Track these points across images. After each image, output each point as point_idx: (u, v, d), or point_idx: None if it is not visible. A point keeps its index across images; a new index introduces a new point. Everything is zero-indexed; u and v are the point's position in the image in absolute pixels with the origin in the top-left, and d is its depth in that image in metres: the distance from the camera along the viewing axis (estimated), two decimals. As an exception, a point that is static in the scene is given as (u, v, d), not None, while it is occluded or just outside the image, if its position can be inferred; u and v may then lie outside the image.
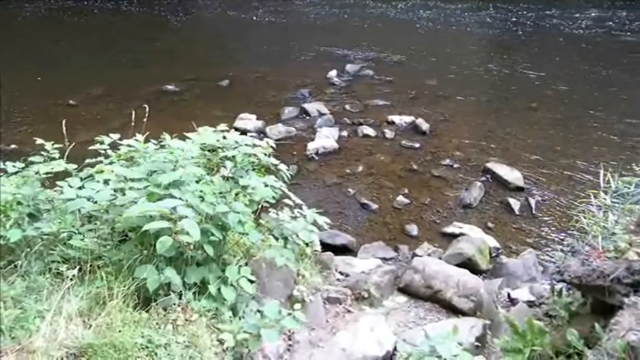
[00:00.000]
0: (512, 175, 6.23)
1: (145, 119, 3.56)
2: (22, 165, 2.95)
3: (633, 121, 8.04)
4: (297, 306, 2.63)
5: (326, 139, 7.21)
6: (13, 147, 6.58)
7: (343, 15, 16.91)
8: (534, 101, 8.98)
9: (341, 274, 4.08)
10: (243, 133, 4.69)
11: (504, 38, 14.49)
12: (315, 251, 3.64)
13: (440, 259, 4.47)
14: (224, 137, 3.28)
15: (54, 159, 3.04)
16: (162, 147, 3.13)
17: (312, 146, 6.96)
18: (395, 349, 2.83)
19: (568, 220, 5.13)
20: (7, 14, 16.51)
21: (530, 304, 3.64)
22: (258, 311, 2.54)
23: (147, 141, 3.20)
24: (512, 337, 2.68)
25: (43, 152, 3.06)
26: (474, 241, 4.68)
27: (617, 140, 7.39)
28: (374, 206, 5.72)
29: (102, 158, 3.17)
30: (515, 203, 5.71)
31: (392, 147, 7.23)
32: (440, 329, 2.58)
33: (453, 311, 3.57)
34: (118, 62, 11.12)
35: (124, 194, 2.55)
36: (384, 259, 4.66)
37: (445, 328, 2.48)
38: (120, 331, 2.20)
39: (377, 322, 3.04)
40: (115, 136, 3.24)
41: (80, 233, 2.63)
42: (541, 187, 6.17)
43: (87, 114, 8.08)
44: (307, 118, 8.16)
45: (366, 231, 5.33)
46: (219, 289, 2.56)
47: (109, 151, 3.19)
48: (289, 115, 8.23)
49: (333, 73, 10.26)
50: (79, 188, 2.69)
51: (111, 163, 3.05)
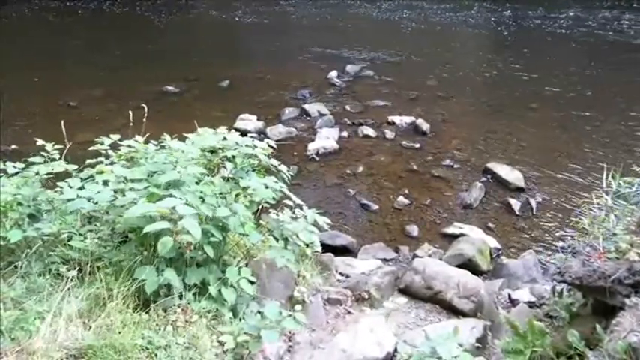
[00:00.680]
0: (512, 175, 6.22)
1: (145, 120, 3.55)
2: (23, 166, 2.95)
3: (634, 121, 8.04)
4: (298, 307, 2.62)
5: (326, 139, 7.21)
6: (13, 147, 6.58)
7: (325, 15, 16.89)
8: (534, 101, 8.98)
9: (341, 274, 4.08)
10: (244, 133, 4.68)
11: (504, 38, 14.50)
12: (315, 252, 3.62)
13: (440, 259, 4.47)
14: (224, 138, 3.28)
15: (54, 160, 3.04)
16: (163, 148, 3.13)
17: (312, 147, 6.96)
18: (395, 350, 2.82)
19: (569, 220, 5.13)
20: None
21: (531, 305, 3.63)
22: (259, 312, 2.53)
23: (147, 142, 3.20)
24: (512, 338, 2.68)
25: (43, 153, 3.06)
26: (475, 242, 4.68)
27: (617, 140, 7.38)
28: (374, 207, 5.71)
29: (102, 159, 3.17)
30: (515, 204, 5.71)
31: (392, 147, 7.23)
32: (440, 330, 2.58)
33: (454, 312, 3.56)
34: (116, 63, 11.13)
35: (124, 195, 2.55)
36: (385, 260, 4.65)
37: (446, 329, 2.47)
38: (120, 332, 2.20)
39: (377, 323, 3.03)
40: (115, 136, 3.24)
41: (80, 234, 2.62)
42: (541, 187, 6.16)
43: (87, 114, 8.08)
44: (307, 118, 8.16)
45: (366, 232, 5.33)
46: (220, 290, 2.56)
47: (110, 152, 3.19)
48: (289, 115, 8.23)
49: (333, 74, 10.26)
50: (80, 189, 2.69)
51: (111, 164, 3.05)
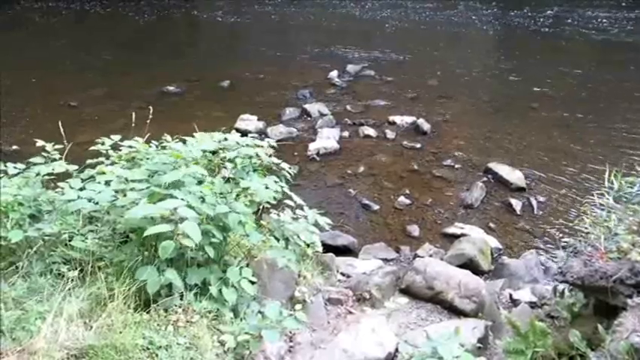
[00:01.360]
0: (513, 175, 6.21)
1: (148, 121, 3.56)
2: (24, 166, 2.95)
3: (635, 120, 8.02)
4: (299, 307, 2.62)
5: (327, 139, 7.21)
6: (14, 148, 6.59)
7: (308, 15, 16.86)
8: (535, 101, 8.97)
9: (342, 275, 4.08)
10: (244, 134, 4.68)
11: (503, 39, 14.51)
12: (316, 252, 3.62)
13: (441, 259, 4.46)
14: (225, 139, 3.28)
15: (55, 160, 3.04)
16: (164, 148, 3.13)
17: (313, 147, 6.95)
18: (396, 351, 2.81)
19: (570, 220, 5.12)
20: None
21: (533, 305, 3.62)
22: (260, 312, 2.53)
23: (148, 142, 3.20)
24: (514, 339, 2.68)
25: (43, 153, 3.06)
26: (476, 242, 4.67)
27: (619, 140, 7.37)
28: (375, 207, 5.71)
29: (103, 159, 3.17)
30: (516, 204, 5.70)
31: (393, 147, 7.22)
32: (442, 330, 2.57)
33: (455, 312, 3.56)
34: (112, 63, 11.12)
35: (125, 195, 2.55)
36: (386, 260, 4.65)
37: (447, 330, 2.46)
38: (121, 332, 2.20)
39: (378, 323, 3.03)
40: (116, 137, 3.24)
41: (81, 234, 2.62)
42: (543, 187, 6.15)
43: (88, 115, 8.09)
44: (308, 118, 8.15)
45: (367, 232, 5.33)
46: (221, 291, 2.56)
47: (110, 152, 3.19)
48: (290, 115, 8.23)
49: (333, 74, 10.26)
50: (80, 189, 2.69)
51: (112, 164, 3.05)
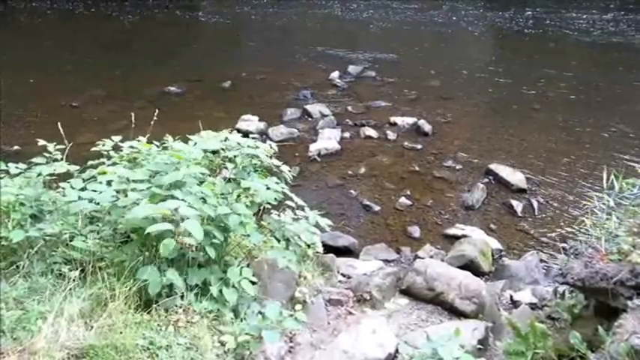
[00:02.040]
0: (514, 176, 6.21)
1: (152, 122, 3.56)
2: (25, 166, 2.96)
3: (636, 122, 8.02)
4: (299, 307, 2.62)
5: (328, 140, 7.21)
6: (16, 148, 6.60)
7: (291, 16, 16.81)
8: (536, 102, 8.97)
9: (343, 275, 4.08)
10: (246, 134, 4.69)
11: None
12: (316, 253, 3.63)
13: (442, 260, 4.46)
14: (226, 139, 3.29)
15: (56, 160, 3.04)
16: (165, 149, 3.14)
17: (314, 147, 6.96)
18: (396, 352, 2.81)
19: (571, 221, 5.12)
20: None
21: (533, 307, 3.62)
22: (260, 313, 2.53)
23: (149, 142, 3.21)
24: (514, 340, 2.68)
25: (45, 154, 3.06)
26: (477, 243, 4.67)
27: (620, 142, 7.37)
28: (376, 208, 5.71)
29: (104, 159, 3.17)
30: (517, 205, 5.70)
31: (394, 148, 7.23)
32: (442, 331, 2.57)
33: (455, 313, 3.56)
34: (110, 63, 11.11)
35: (127, 195, 2.56)
36: (386, 261, 4.65)
37: (447, 331, 2.46)
38: (121, 332, 2.20)
39: (379, 324, 3.03)
40: (117, 137, 3.25)
41: (82, 234, 2.63)
42: (543, 188, 6.15)
43: (89, 115, 8.10)
44: (309, 119, 8.16)
45: (368, 232, 5.33)
46: (221, 291, 2.56)
47: (112, 153, 3.19)
48: (291, 116, 8.23)
49: (335, 75, 10.26)
50: (82, 189, 2.70)
51: (113, 165, 3.06)
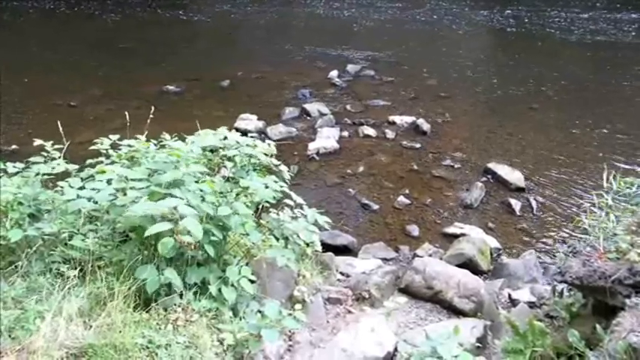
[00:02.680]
0: (513, 175, 6.22)
1: (148, 120, 3.56)
2: (23, 165, 2.95)
3: (634, 121, 8.04)
4: (298, 306, 2.63)
5: (327, 139, 7.21)
6: (13, 147, 6.59)
7: (272, 15, 16.72)
8: (535, 102, 8.98)
9: (342, 274, 4.08)
10: (244, 133, 4.69)
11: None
12: (315, 251, 3.63)
13: (441, 259, 4.47)
14: (225, 138, 3.29)
15: (54, 159, 3.04)
16: (163, 147, 3.13)
17: (312, 146, 6.95)
18: (395, 350, 2.82)
19: (569, 220, 5.14)
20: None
21: (531, 305, 3.63)
22: (259, 311, 2.54)
23: (148, 141, 3.21)
24: (513, 338, 2.68)
25: (43, 153, 3.06)
26: (475, 242, 4.67)
27: (618, 140, 7.38)
28: (375, 206, 5.71)
29: (103, 158, 3.17)
30: (516, 204, 5.71)
31: (393, 147, 7.23)
32: (441, 330, 2.57)
33: (454, 312, 3.57)
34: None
35: (125, 194, 2.55)
36: (385, 260, 4.65)
37: (446, 329, 2.47)
38: (120, 331, 2.20)
39: (377, 322, 3.03)
40: (115, 136, 3.24)
41: (81, 233, 2.63)
42: (542, 187, 6.16)
43: (87, 114, 8.08)
44: (308, 118, 8.15)
45: (366, 231, 5.33)
46: (220, 290, 2.56)
47: (110, 152, 3.19)
48: (290, 115, 8.23)
49: (334, 74, 10.25)
50: (80, 188, 2.70)
51: (112, 163, 3.05)
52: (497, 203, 5.84)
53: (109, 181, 2.71)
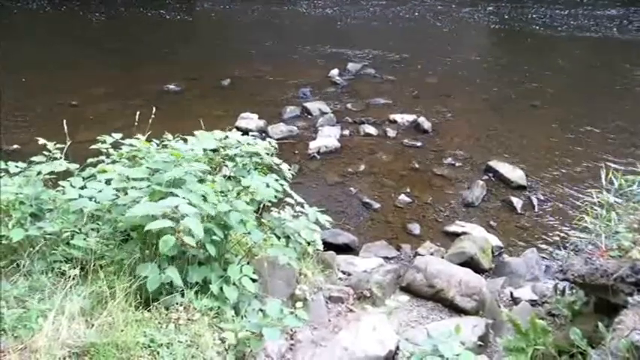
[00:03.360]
0: (514, 173, 6.22)
1: (150, 120, 3.55)
2: (25, 165, 2.95)
3: (636, 119, 8.02)
4: (300, 305, 2.62)
5: (328, 138, 7.21)
6: (15, 147, 6.59)
7: (254, 14, 16.62)
8: (536, 99, 8.96)
9: (343, 273, 4.09)
10: (245, 132, 4.69)
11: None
12: (317, 250, 3.62)
13: (442, 258, 4.47)
14: (226, 137, 3.29)
15: (56, 159, 3.04)
16: (165, 147, 3.13)
17: (313, 145, 6.95)
18: (397, 348, 2.82)
19: (571, 218, 5.12)
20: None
21: (533, 303, 3.63)
22: (261, 310, 2.54)
23: (149, 140, 3.20)
24: (515, 337, 2.68)
25: (45, 152, 3.06)
26: (477, 240, 4.67)
27: (619, 138, 7.37)
28: (376, 205, 5.71)
29: (104, 158, 3.17)
30: (517, 202, 5.71)
31: (394, 146, 7.22)
32: (442, 328, 2.58)
33: (456, 310, 3.57)
34: (109, 62, 11.07)
35: (127, 193, 2.55)
36: (386, 258, 4.66)
37: (447, 327, 2.47)
38: (122, 330, 2.20)
39: (379, 321, 3.03)
40: (117, 135, 3.24)
41: (82, 233, 2.63)
42: (543, 185, 6.16)
43: (89, 114, 8.08)
44: (309, 117, 8.15)
45: (368, 230, 5.33)
46: (222, 288, 2.56)
47: (111, 151, 3.19)
48: (291, 114, 8.23)
49: (334, 72, 10.24)
50: (82, 188, 2.69)
51: (113, 163, 3.05)
52: (498, 201, 5.84)
53: (110, 181, 2.71)
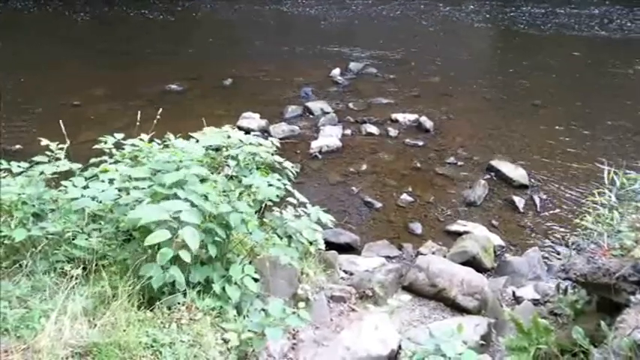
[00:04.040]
0: (516, 172, 6.21)
1: (155, 120, 3.56)
2: (27, 165, 2.96)
3: (635, 117, 8.00)
4: (302, 304, 2.62)
5: (329, 137, 7.21)
6: (17, 147, 6.61)
7: (238, 14, 16.60)
8: (538, 98, 8.95)
9: (345, 272, 4.09)
10: (247, 132, 4.69)
11: (506, 36, 14.47)
12: (319, 250, 3.63)
13: (444, 257, 4.46)
14: (228, 136, 3.29)
15: (58, 159, 3.04)
16: (167, 147, 3.14)
17: (315, 145, 6.95)
18: (399, 348, 2.82)
19: (573, 217, 5.11)
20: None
21: (535, 303, 3.63)
22: (263, 310, 2.54)
23: (151, 140, 3.21)
24: (517, 336, 2.68)
25: (47, 152, 3.06)
26: (479, 239, 4.67)
27: (621, 137, 7.36)
28: (378, 204, 5.71)
29: (106, 158, 3.17)
30: (519, 201, 5.70)
31: (396, 145, 7.22)
32: (444, 328, 2.57)
33: (458, 310, 3.56)
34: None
35: (129, 193, 2.56)
36: (388, 258, 4.66)
37: (450, 327, 2.47)
38: (124, 330, 2.21)
39: (381, 320, 3.03)
40: (119, 135, 3.25)
41: (85, 233, 2.63)
42: (545, 184, 6.14)
43: (91, 114, 8.10)
44: (311, 116, 8.16)
45: (370, 229, 5.33)
46: (224, 288, 2.57)
47: (113, 151, 3.19)
48: (293, 113, 8.23)
49: (336, 72, 10.24)
50: (84, 188, 2.70)
51: (115, 163, 3.06)
52: (500, 200, 5.83)
53: (113, 181, 2.71)
